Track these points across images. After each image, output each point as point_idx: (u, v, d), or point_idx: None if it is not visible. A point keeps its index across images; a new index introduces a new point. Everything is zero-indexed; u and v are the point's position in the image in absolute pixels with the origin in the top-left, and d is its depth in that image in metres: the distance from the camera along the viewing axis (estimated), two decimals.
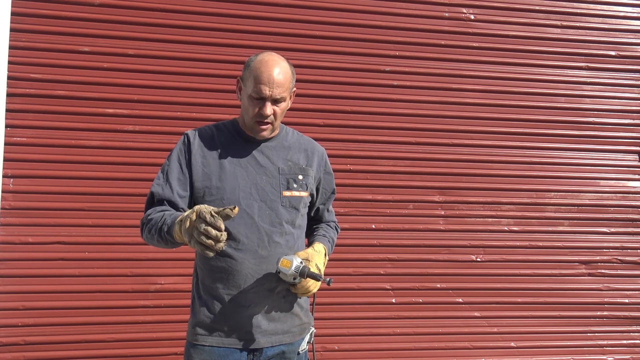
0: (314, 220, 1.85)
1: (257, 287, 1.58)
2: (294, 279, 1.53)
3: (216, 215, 1.29)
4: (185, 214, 1.38)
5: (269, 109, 1.56)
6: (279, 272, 1.54)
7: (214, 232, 1.28)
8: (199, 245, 1.31)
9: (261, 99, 1.55)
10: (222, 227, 1.29)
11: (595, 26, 3.43)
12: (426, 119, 3.23)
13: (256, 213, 1.59)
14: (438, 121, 3.24)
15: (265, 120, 1.58)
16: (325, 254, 1.69)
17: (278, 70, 1.55)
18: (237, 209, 1.29)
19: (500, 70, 3.32)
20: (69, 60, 2.87)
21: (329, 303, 2.99)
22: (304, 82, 3.04)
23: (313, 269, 1.55)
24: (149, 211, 1.60)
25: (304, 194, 1.67)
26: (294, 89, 1.68)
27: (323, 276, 1.56)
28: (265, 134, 1.63)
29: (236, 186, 1.60)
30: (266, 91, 1.54)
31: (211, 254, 1.32)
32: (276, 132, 1.70)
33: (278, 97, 1.56)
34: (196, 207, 1.33)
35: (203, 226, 1.29)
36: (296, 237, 1.66)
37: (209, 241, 1.29)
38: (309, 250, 1.63)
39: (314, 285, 1.58)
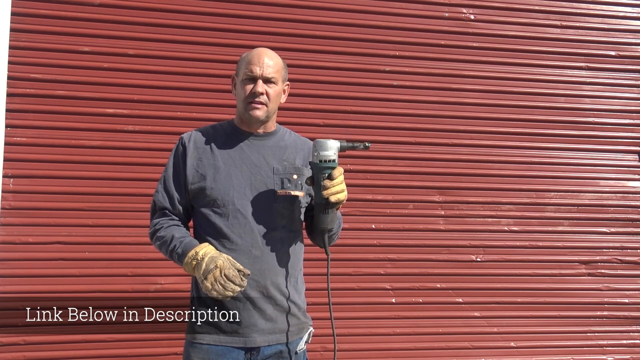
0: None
1: (252, 286, 1.58)
2: (334, 154, 1.54)
3: (244, 279, 1.49)
4: (201, 255, 1.51)
5: (260, 86, 1.60)
6: (321, 161, 1.53)
7: (237, 288, 1.48)
8: (214, 291, 1.47)
9: (253, 79, 1.61)
10: (245, 285, 1.50)
11: (595, 26, 3.43)
12: (426, 119, 3.23)
13: (250, 213, 1.60)
14: (438, 121, 3.24)
15: (258, 100, 1.61)
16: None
17: (267, 54, 1.64)
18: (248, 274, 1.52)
19: (500, 70, 3.32)
20: (69, 60, 2.88)
21: None
22: (304, 82, 3.04)
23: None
24: (155, 222, 1.67)
25: (299, 193, 1.67)
26: (287, 82, 1.72)
27: (357, 144, 1.60)
28: (259, 113, 1.62)
29: (230, 186, 1.61)
30: (257, 70, 1.61)
31: (220, 298, 1.49)
32: (273, 126, 1.71)
33: (269, 76, 1.61)
34: (219, 263, 1.47)
35: (230, 285, 1.47)
36: (291, 237, 1.66)
37: (228, 292, 1.47)
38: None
39: (341, 185, 1.55)
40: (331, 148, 1.54)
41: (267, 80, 1.62)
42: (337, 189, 1.55)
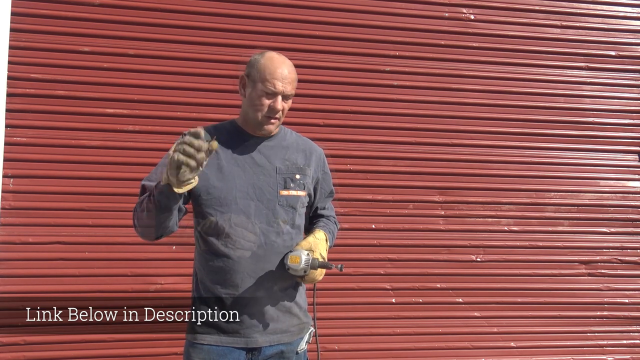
0: (313, 219, 1.85)
1: (255, 286, 1.59)
2: (305, 272, 1.56)
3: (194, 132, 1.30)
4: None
5: (279, 104, 1.60)
6: (289, 269, 1.57)
7: (196, 142, 1.29)
8: (179, 159, 1.30)
9: (273, 94, 1.59)
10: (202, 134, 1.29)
11: (595, 26, 3.43)
12: (426, 119, 3.23)
13: (253, 213, 1.60)
14: (438, 121, 3.24)
15: (276, 116, 1.61)
16: (326, 240, 1.70)
17: (289, 68, 1.61)
18: (215, 143, 1.31)
19: (500, 70, 3.32)
20: (69, 60, 2.87)
21: (329, 303, 2.99)
22: (304, 82, 3.01)
23: (319, 259, 1.58)
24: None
25: (302, 193, 1.67)
26: None
27: (332, 264, 1.59)
28: (272, 128, 1.64)
29: (233, 186, 1.60)
30: (279, 86, 1.58)
31: (192, 176, 1.33)
32: (276, 130, 1.71)
33: (288, 93, 1.61)
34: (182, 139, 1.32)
35: (185, 141, 1.30)
36: (293, 236, 1.66)
37: (191, 149, 1.29)
38: (310, 239, 1.64)
39: (320, 274, 1.61)
40: (301, 269, 1.55)
41: (286, 97, 1.61)
42: (311, 280, 1.60)
